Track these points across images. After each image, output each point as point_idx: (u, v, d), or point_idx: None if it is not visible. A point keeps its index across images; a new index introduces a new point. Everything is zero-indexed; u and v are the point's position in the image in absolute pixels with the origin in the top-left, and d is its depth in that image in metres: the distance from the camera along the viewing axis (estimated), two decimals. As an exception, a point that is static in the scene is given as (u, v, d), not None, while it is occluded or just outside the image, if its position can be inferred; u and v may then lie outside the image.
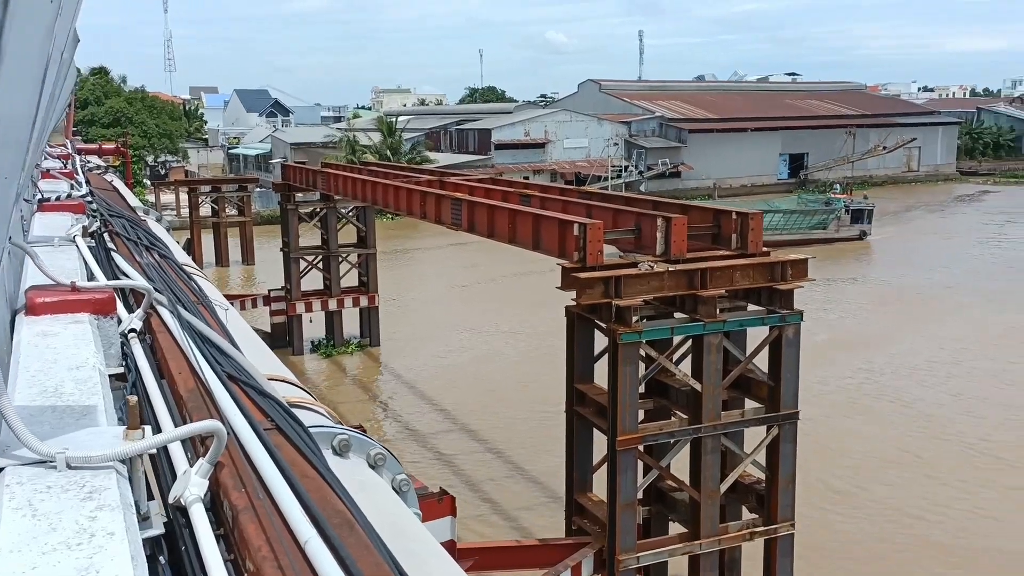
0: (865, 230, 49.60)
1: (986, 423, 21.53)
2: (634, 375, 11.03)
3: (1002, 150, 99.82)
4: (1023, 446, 20.33)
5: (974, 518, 16.72)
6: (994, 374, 25.31)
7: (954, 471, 18.75)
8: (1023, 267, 42.52)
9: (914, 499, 17.60)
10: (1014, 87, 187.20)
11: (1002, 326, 30.55)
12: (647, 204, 13.96)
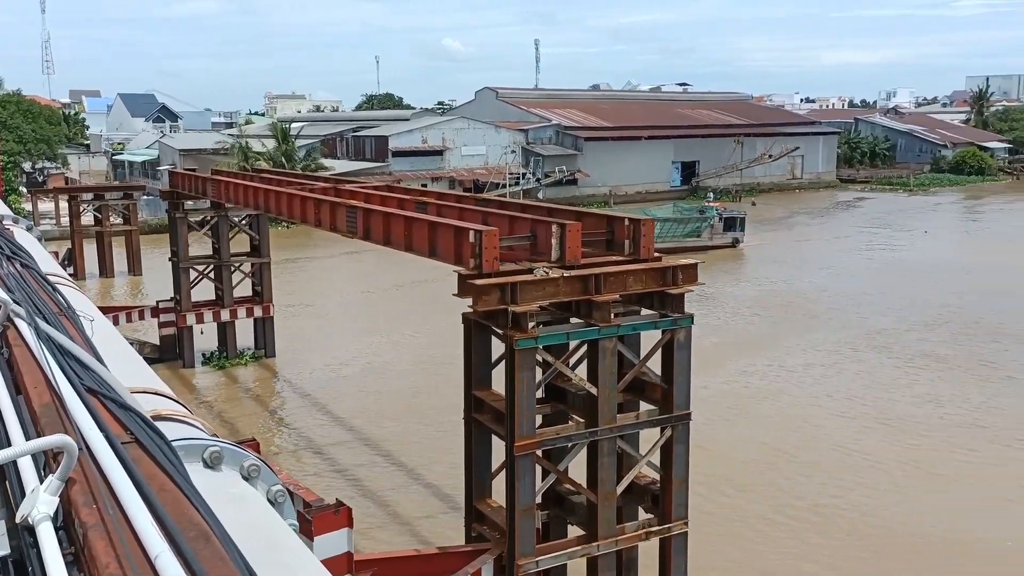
0: (738, 237, 50.72)
1: (856, 423, 22.35)
2: (531, 380, 11.09)
3: (878, 158, 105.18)
4: (891, 445, 21.32)
5: (847, 517, 17.23)
6: (864, 374, 26.39)
7: (829, 471, 19.32)
8: (894, 271, 44.69)
9: (791, 499, 18.10)
10: (888, 99, 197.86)
11: (870, 328, 31.89)
12: (542, 211, 14.08)
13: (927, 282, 40.44)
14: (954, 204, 76.92)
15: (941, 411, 23.27)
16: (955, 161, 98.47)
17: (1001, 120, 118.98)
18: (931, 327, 31.98)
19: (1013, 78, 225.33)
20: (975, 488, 18.68)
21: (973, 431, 21.85)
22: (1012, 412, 23.19)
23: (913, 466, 19.69)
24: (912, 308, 35.14)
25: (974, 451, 20.59)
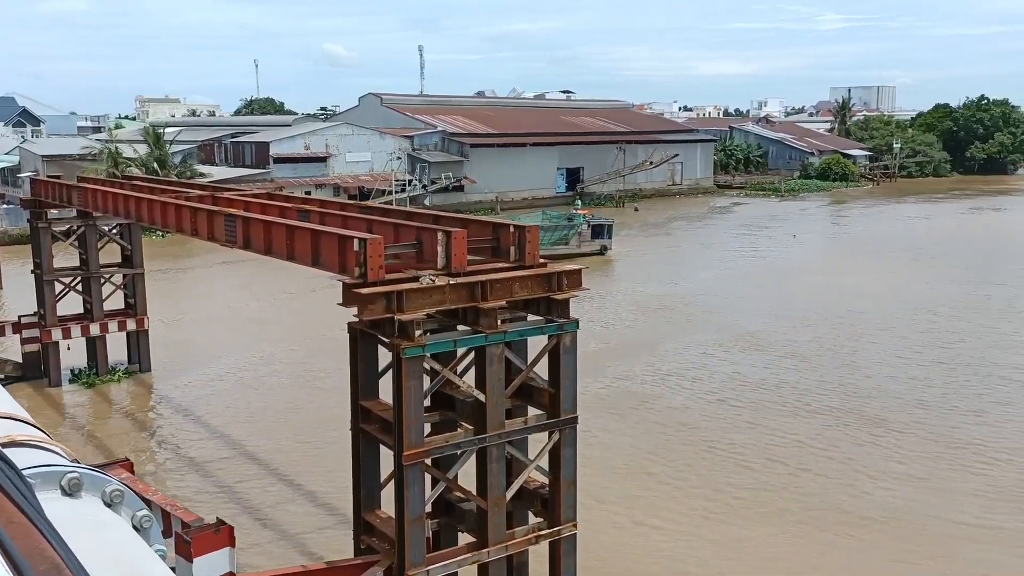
0: (606, 244, 51.07)
1: (728, 424, 23.08)
2: (419, 389, 11.00)
3: (751, 165, 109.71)
4: (759, 444, 22.19)
5: (714, 523, 17.67)
6: (736, 376, 27.31)
7: (701, 475, 19.82)
8: (764, 275, 46.58)
9: (668, 502, 18.51)
10: (760, 108, 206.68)
11: (741, 331, 33.02)
12: (428, 218, 14.01)
13: (794, 285, 42.26)
14: (821, 208, 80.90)
15: (806, 409, 24.21)
16: (821, 168, 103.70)
17: (862, 129, 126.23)
18: (797, 328, 33.28)
19: (872, 89, 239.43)
20: (837, 479, 19.64)
21: (837, 427, 22.94)
22: (873, 409, 24.53)
23: (781, 464, 20.45)
24: (780, 310, 36.62)
25: (835, 447, 21.64)
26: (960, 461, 20.46)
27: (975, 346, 30.67)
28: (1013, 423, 22.97)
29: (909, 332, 33.01)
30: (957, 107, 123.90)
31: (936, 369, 28.09)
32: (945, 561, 16.18)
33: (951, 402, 24.78)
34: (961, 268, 46.81)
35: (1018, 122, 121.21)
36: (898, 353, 29.92)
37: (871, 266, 47.78)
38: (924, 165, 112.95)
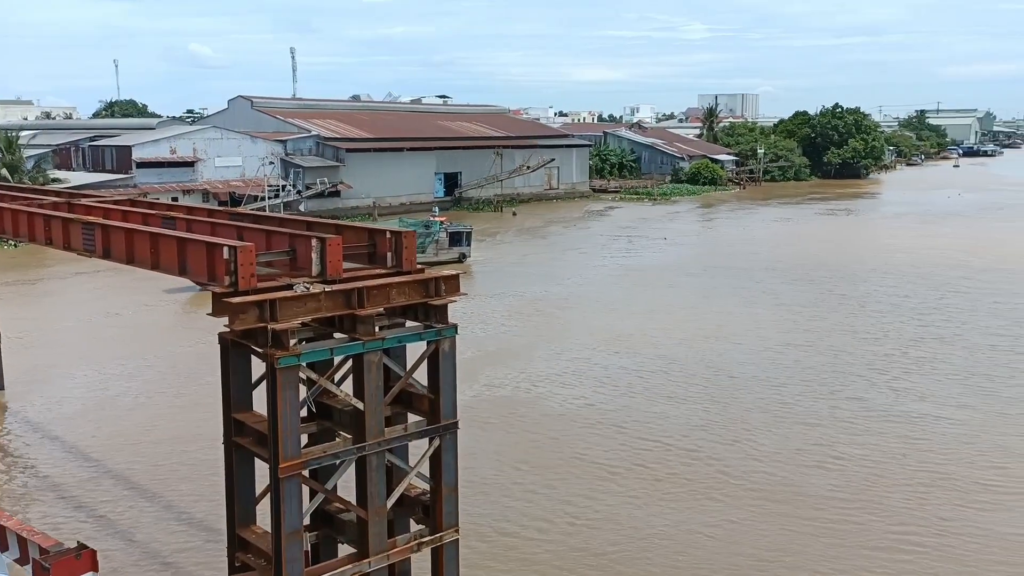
0: (464, 252, 50.44)
1: (596, 430, 23.24)
2: (294, 399, 10.74)
3: (625, 170, 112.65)
4: (626, 451, 22.79)
5: (587, 529, 17.89)
6: (606, 380, 27.60)
7: (569, 482, 19.95)
8: (635, 277, 47.90)
9: (534, 511, 18.67)
10: (632, 114, 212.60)
11: (612, 333, 33.69)
12: (301, 225, 13.70)
13: (665, 287, 43.46)
14: (691, 212, 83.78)
15: (677, 414, 24.68)
16: (692, 172, 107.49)
17: (728, 135, 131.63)
18: (667, 331, 34.14)
19: (737, 97, 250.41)
20: (703, 483, 20.35)
21: (697, 430, 23.70)
22: (739, 408, 25.53)
23: (642, 467, 20.84)
24: (653, 312, 37.58)
25: (695, 451, 22.39)
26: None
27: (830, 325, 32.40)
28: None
29: (771, 332, 34.54)
30: (815, 115, 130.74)
31: (793, 352, 29.55)
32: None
33: (820, 388, 26.09)
34: (812, 270, 49.35)
35: (869, 129, 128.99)
36: (763, 352, 31.23)
37: (739, 265, 49.84)
38: (786, 170, 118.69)
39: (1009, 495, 19.23)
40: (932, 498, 18.98)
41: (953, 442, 22.33)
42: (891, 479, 19.95)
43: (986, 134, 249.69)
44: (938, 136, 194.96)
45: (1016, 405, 25.20)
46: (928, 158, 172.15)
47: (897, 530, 17.49)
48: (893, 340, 32.64)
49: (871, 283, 44.64)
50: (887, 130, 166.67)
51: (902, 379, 27.81)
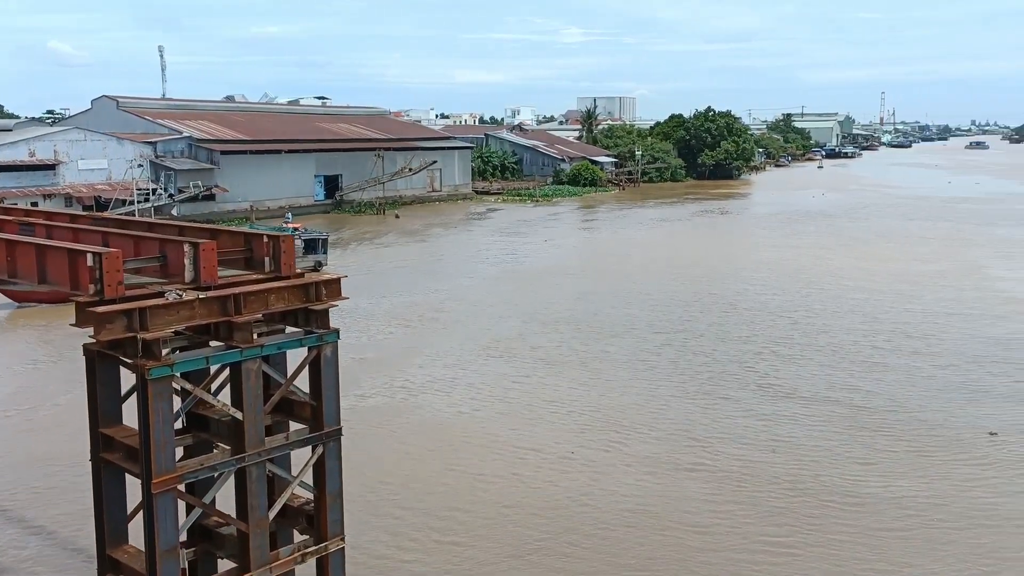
0: (320, 260, 47.55)
1: (472, 440, 23.19)
2: (168, 411, 10.31)
3: (507, 172, 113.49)
4: (513, 439, 22.97)
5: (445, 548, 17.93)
6: (483, 386, 27.39)
7: (439, 496, 19.95)
8: (516, 279, 48.18)
9: (402, 529, 18.37)
10: (513, 116, 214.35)
11: (491, 336, 33.66)
12: (172, 229, 13.17)
13: (546, 289, 43.72)
14: (572, 213, 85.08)
15: (555, 420, 24.86)
16: (572, 174, 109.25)
17: (607, 137, 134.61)
18: (546, 331, 34.33)
19: (615, 99, 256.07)
20: (570, 492, 20.69)
21: (588, 417, 24.20)
22: (617, 412, 26.10)
23: (534, 452, 21.23)
24: (530, 313, 37.71)
25: (583, 434, 22.81)
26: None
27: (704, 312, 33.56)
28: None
29: (647, 332, 35.47)
30: (689, 118, 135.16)
31: (669, 352, 30.51)
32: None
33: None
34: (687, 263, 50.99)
35: (740, 132, 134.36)
36: (637, 352, 32.03)
37: (617, 267, 50.99)
38: (663, 171, 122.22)
39: (879, 491, 20.35)
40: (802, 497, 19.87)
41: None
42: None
43: (846, 137, 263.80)
44: (803, 138, 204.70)
45: (873, 398, 26.72)
46: (795, 159, 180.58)
47: (769, 531, 18.22)
48: (762, 338, 34.10)
49: (739, 284, 46.47)
50: (756, 132, 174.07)
51: (771, 375, 29.06)
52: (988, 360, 30.18)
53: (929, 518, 18.22)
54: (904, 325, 35.31)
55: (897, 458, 21.40)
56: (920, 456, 21.58)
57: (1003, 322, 36.01)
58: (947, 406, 25.32)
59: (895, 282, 44.94)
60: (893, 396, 26.25)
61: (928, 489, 19.62)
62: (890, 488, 19.64)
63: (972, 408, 25.17)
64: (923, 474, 20.45)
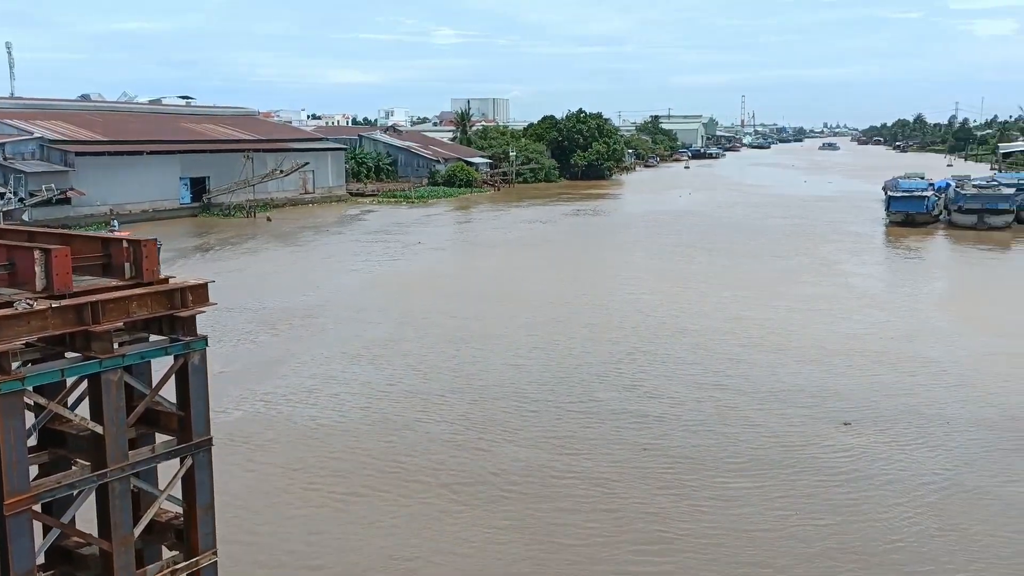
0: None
1: (353, 440, 23.08)
2: (20, 428, 9.73)
3: (382, 173, 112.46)
4: (385, 449, 22.89)
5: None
6: (349, 396, 26.74)
7: (303, 512, 19.53)
8: (388, 282, 47.82)
9: (262, 548, 17.99)
10: (387, 117, 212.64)
11: (364, 341, 33.13)
12: (22, 235, 12.42)
13: (420, 291, 43.41)
14: (448, 214, 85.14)
15: (426, 429, 24.33)
16: (448, 175, 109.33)
17: (482, 138, 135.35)
18: (418, 337, 33.95)
19: (489, 101, 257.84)
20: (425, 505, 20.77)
21: (446, 446, 24.20)
22: (485, 423, 26.32)
23: (395, 463, 21.05)
24: (402, 318, 37.25)
25: (439, 468, 22.93)
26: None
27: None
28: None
29: (522, 336, 35.95)
30: (561, 119, 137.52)
31: (541, 355, 31.04)
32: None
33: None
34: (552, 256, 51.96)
35: (610, 133, 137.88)
36: (509, 355, 32.27)
37: (497, 265, 51.42)
38: (537, 171, 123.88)
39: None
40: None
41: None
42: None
43: (711, 138, 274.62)
44: (670, 140, 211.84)
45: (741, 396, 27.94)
46: (663, 160, 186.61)
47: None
48: (633, 339, 35.13)
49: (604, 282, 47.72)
50: (626, 134, 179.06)
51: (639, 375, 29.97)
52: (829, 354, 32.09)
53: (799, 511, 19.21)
54: (765, 321, 37.09)
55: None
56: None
57: (856, 316, 38.34)
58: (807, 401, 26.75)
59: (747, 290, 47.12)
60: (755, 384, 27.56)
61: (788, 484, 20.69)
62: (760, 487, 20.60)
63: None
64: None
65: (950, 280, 47.50)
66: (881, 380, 27.97)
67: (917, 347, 32.07)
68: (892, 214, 72.11)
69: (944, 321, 36.83)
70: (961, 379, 27.99)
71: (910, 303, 40.61)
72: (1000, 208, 67.90)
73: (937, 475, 20.57)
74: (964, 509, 18.82)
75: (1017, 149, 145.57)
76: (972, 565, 16.51)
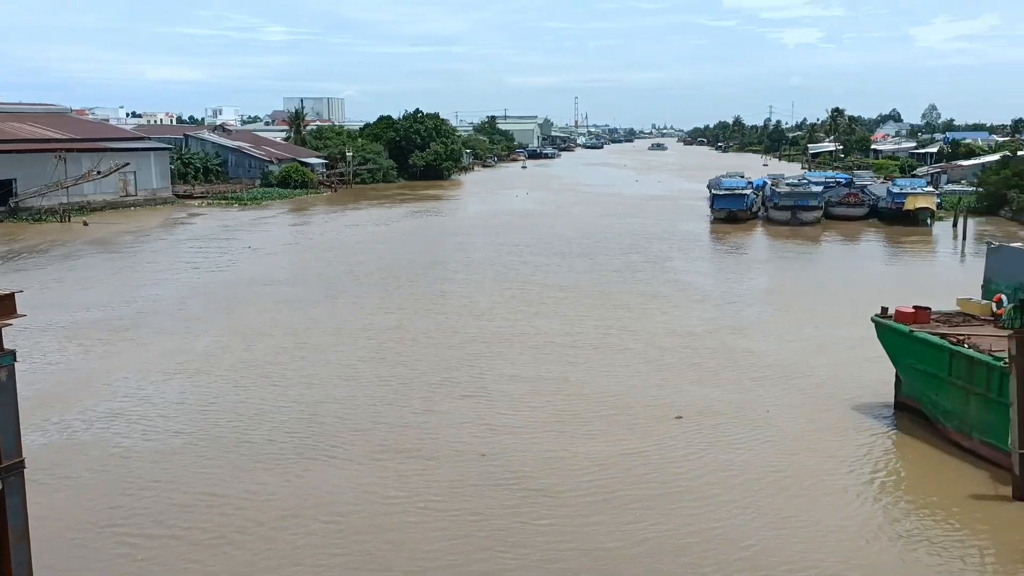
0: None
1: (171, 468, 22.08)
2: None
3: (211, 174, 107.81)
4: (209, 470, 22.01)
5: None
6: (161, 418, 24.87)
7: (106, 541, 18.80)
8: (215, 288, 45.84)
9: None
10: (215, 116, 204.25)
11: (188, 355, 31.19)
12: None
13: (246, 298, 41.59)
14: (281, 217, 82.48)
15: (244, 433, 23.58)
16: (282, 176, 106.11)
17: (317, 138, 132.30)
18: (245, 345, 32.42)
19: (323, 100, 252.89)
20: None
21: (277, 447, 23.42)
22: (313, 438, 25.78)
23: (210, 495, 19.65)
24: (229, 327, 35.42)
25: (266, 461, 22.29)
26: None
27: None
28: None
29: (347, 347, 35.47)
30: (398, 119, 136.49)
31: (369, 367, 30.73)
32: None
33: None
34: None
35: (448, 133, 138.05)
36: (343, 368, 31.52)
37: (331, 271, 50.37)
38: (375, 172, 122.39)
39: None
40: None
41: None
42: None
43: (546, 138, 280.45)
44: (507, 140, 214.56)
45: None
46: (501, 160, 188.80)
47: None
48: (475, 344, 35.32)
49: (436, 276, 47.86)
50: (464, 134, 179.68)
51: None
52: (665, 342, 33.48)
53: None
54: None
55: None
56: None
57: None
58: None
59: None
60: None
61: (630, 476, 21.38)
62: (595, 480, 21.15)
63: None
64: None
65: (769, 275, 50.54)
66: (712, 373, 29.35)
67: (745, 341, 33.90)
68: (716, 211, 76.05)
69: (768, 313, 39.15)
70: (785, 369, 29.79)
71: (738, 298, 42.86)
72: (810, 205, 73.06)
73: (761, 460, 21.84)
74: (778, 492, 20.07)
75: (824, 150, 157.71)
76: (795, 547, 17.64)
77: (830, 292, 43.81)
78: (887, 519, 18.60)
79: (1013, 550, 17.05)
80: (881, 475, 21.15)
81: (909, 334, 23.71)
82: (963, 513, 18.78)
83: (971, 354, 21.51)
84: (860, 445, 22.69)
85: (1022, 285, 23.57)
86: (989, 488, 19.79)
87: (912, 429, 23.67)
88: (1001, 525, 18.18)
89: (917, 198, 71.33)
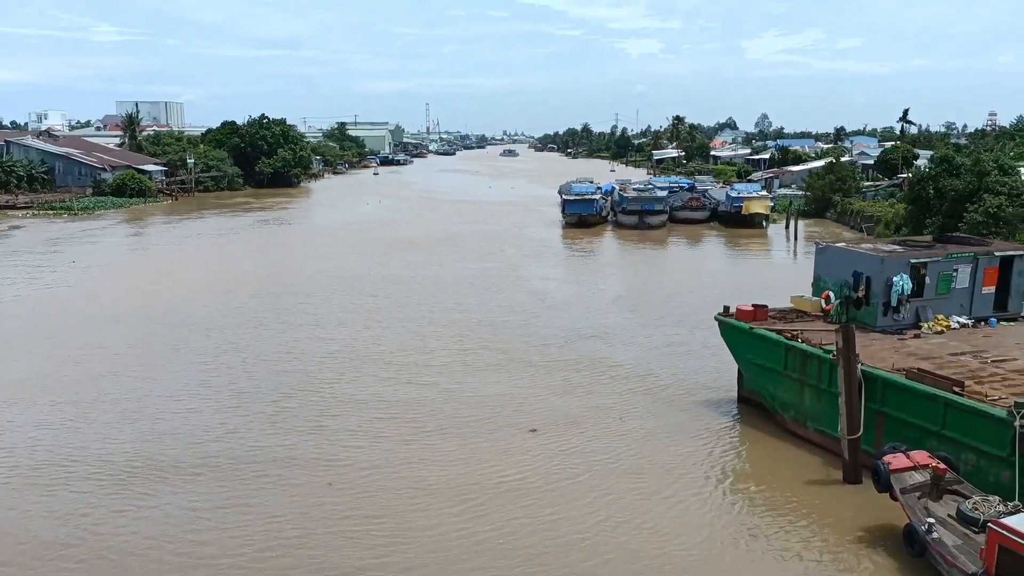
0: None
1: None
2: None
3: (37, 183, 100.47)
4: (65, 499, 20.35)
5: None
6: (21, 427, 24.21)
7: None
8: (39, 308, 42.89)
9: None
10: (40, 121, 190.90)
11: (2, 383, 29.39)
12: None
13: (71, 316, 38.64)
14: (114, 227, 77.28)
15: (76, 464, 22.17)
16: (116, 184, 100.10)
17: (154, 144, 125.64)
18: (71, 369, 30.10)
19: (160, 105, 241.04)
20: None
21: (114, 478, 22.05)
22: (167, 460, 24.22)
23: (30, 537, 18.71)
24: (53, 350, 32.96)
25: (99, 493, 20.80)
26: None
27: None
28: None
29: (197, 346, 33.73)
30: (243, 125, 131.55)
31: (219, 388, 29.18)
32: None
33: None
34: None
35: (296, 139, 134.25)
36: (175, 388, 30.06)
37: (155, 289, 47.67)
38: (219, 179, 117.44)
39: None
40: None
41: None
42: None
43: (398, 145, 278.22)
44: (358, 146, 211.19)
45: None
46: (352, 167, 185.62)
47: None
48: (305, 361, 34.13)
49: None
50: (313, 140, 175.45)
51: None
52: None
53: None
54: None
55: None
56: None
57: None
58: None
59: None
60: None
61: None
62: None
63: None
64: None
65: (620, 280, 51.34)
66: (561, 383, 29.37)
67: (600, 345, 34.20)
68: (567, 216, 77.21)
69: (620, 317, 39.75)
70: (637, 372, 30.16)
71: (590, 303, 43.29)
72: (656, 209, 75.42)
73: (614, 462, 21.95)
74: (628, 492, 20.21)
75: (668, 156, 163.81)
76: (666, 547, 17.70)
77: (676, 293, 45.02)
78: (733, 507, 19.17)
79: (846, 528, 18.14)
80: (727, 466, 21.73)
81: (749, 331, 24.57)
82: (801, 497, 19.68)
83: (804, 348, 22.52)
84: (706, 440, 23.24)
85: (847, 282, 24.99)
86: (823, 473, 20.90)
87: (754, 421, 24.56)
88: (835, 506, 19.21)
89: (753, 202, 74.95)
